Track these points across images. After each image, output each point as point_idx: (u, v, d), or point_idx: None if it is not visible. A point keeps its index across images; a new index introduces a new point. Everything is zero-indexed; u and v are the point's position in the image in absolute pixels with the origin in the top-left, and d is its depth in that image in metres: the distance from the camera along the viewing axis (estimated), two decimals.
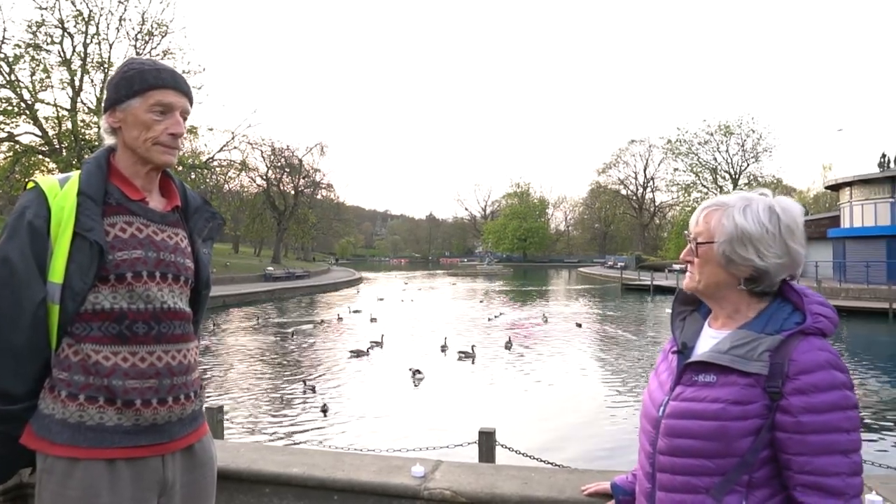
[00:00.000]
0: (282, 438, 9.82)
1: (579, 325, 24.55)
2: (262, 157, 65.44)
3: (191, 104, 1.85)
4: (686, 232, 1.63)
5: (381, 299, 35.44)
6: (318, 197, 76.90)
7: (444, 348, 18.14)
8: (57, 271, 1.63)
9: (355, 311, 28.91)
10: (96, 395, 1.64)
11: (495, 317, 26.83)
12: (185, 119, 1.84)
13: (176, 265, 1.79)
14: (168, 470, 1.73)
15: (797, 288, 1.53)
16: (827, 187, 45.22)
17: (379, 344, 18.68)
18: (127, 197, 1.76)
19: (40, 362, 1.66)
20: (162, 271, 1.75)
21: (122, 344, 1.67)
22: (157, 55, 36.72)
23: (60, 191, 1.68)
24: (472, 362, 16.18)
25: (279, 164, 67.96)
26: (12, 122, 33.00)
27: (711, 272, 1.54)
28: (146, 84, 1.76)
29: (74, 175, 1.74)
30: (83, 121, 33.71)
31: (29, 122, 33.58)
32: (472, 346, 17.08)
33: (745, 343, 1.46)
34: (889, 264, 31.73)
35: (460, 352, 17.08)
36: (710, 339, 1.57)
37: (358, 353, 17.20)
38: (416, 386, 13.22)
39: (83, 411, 1.64)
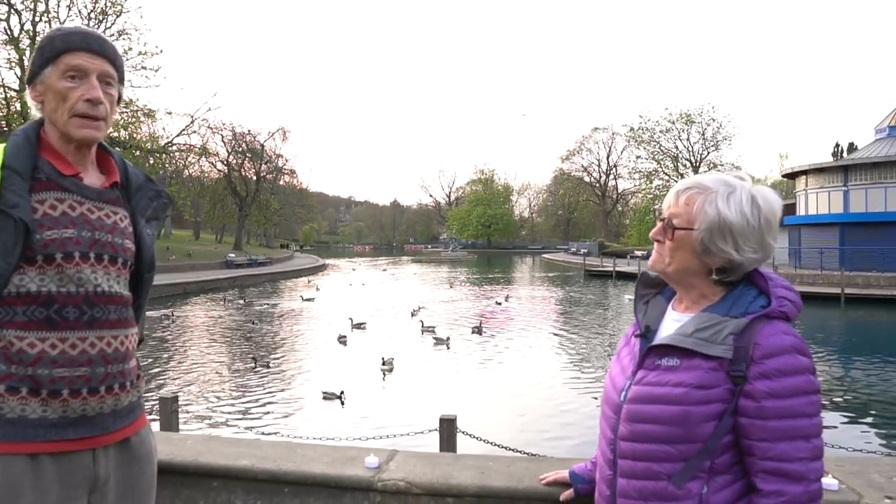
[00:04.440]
0: (243, 430, 9.65)
1: (498, 304, 26.62)
2: (223, 141, 64.42)
3: (115, 67, 1.69)
4: (656, 207, 1.58)
5: (318, 289, 34.85)
6: (281, 183, 76.17)
7: (425, 330, 18.44)
8: None
9: (308, 300, 28.74)
10: (18, 385, 1.52)
11: (417, 310, 23.61)
12: (111, 84, 1.68)
13: (113, 246, 1.66)
14: (100, 465, 1.62)
15: (763, 272, 1.51)
16: (784, 175, 46.31)
17: (360, 326, 19.06)
18: (59, 172, 1.62)
19: None
20: (97, 252, 1.62)
21: (50, 329, 1.54)
22: (112, 35, 35.50)
23: None
24: (448, 347, 16.19)
25: (240, 149, 67.00)
26: None
27: (683, 258, 1.49)
28: (55, 50, 1.62)
29: None
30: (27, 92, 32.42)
31: None
32: (448, 338, 17.07)
33: (709, 326, 1.44)
34: (842, 251, 32.72)
35: (435, 338, 17.09)
36: (673, 323, 1.55)
37: (341, 340, 17.25)
38: (383, 378, 13.14)
39: (3, 403, 1.51)
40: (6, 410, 1.51)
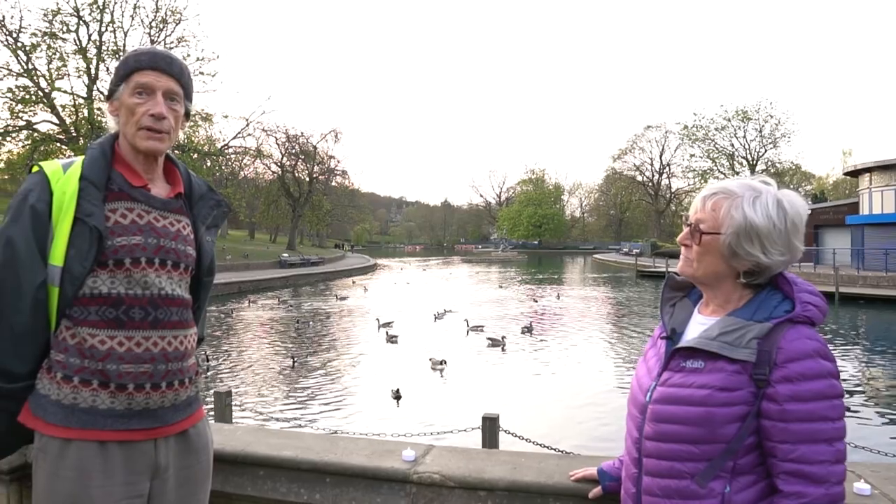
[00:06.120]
0: (290, 423, 9.92)
1: (535, 301, 27.82)
2: (277, 143, 65.97)
3: (180, 85, 1.82)
4: (684, 213, 1.60)
5: (366, 290, 35.16)
6: (333, 184, 77.18)
7: (471, 330, 18.62)
8: (57, 255, 1.65)
9: (342, 299, 29.26)
10: (90, 378, 1.66)
11: (441, 313, 22.86)
12: (178, 100, 1.82)
13: (176, 252, 1.80)
14: (160, 454, 1.75)
15: (788, 276, 1.52)
16: (846, 173, 44.53)
17: (388, 325, 19.35)
18: (129, 183, 1.77)
19: (40, 343, 1.68)
20: (161, 258, 1.76)
21: (118, 328, 1.68)
22: (172, 43, 36.90)
23: (63, 175, 1.70)
24: (503, 349, 16.19)
25: (294, 150, 68.35)
26: (30, 111, 33.34)
27: (712, 262, 1.52)
28: (128, 69, 1.77)
29: (78, 160, 1.75)
30: (99, 109, 33.90)
31: (46, 111, 33.90)
32: (503, 337, 17.02)
33: (733, 330, 1.46)
34: None
35: (490, 338, 17.08)
36: (699, 326, 1.57)
37: (390, 338, 17.54)
38: (442, 375, 13.26)
39: (77, 393, 1.66)
40: (79, 400, 1.66)
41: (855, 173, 39.67)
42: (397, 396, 11.23)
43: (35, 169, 1.73)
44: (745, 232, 1.46)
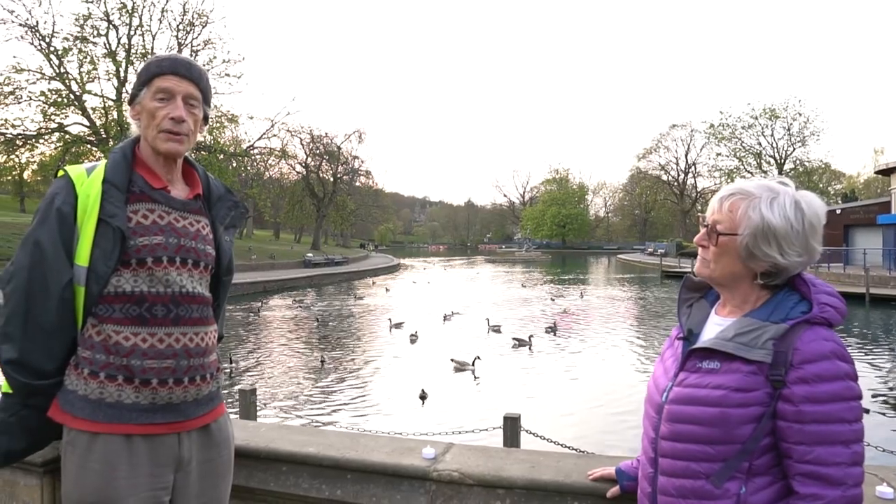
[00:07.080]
0: (316, 421, 10.01)
1: (552, 300, 28.00)
2: (302, 144, 66.49)
3: (199, 89, 1.88)
4: (701, 214, 1.60)
5: (388, 290, 35.30)
6: (357, 184, 77.46)
7: (491, 329, 18.72)
8: (83, 255, 1.71)
9: (359, 298, 29.65)
10: (116, 373, 1.72)
11: (450, 315, 22.46)
12: (197, 105, 1.87)
13: (196, 251, 1.86)
14: (184, 448, 1.81)
15: (805, 277, 1.51)
16: (877, 172, 43.62)
17: (399, 325, 19.51)
18: (150, 185, 1.83)
19: (68, 341, 1.75)
20: (182, 257, 1.82)
21: (141, 325, 1.74)
22: (198, 45, 37.43)
23: (87, 179, 1.77)
24: (530, 349, 16.14)
25: (318, 151, 68.77)
26: (62, 113, 34.04)
27: (728, 263, 1.52)
28: (149, 73, 1.83)
29: (101, 164, 1.82)
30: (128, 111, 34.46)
31: (78, 113, 34.58)
32: (530, 336, 16.95)
33: (749, 331, 1.46)
34: None
35: (516, 338, 17.06)
36: (715, 327, 1.57)
37: (412, 338, 17.61)
38: (474, 376, 13.25)
39: (103, 388, 1.72)
40: (106, 395, 1.72)
41: (887, 172, 38.87)
42: (423, 397, 11.27)
43: (60, 173, 1.80)
44: (763, 233, 1.46)
